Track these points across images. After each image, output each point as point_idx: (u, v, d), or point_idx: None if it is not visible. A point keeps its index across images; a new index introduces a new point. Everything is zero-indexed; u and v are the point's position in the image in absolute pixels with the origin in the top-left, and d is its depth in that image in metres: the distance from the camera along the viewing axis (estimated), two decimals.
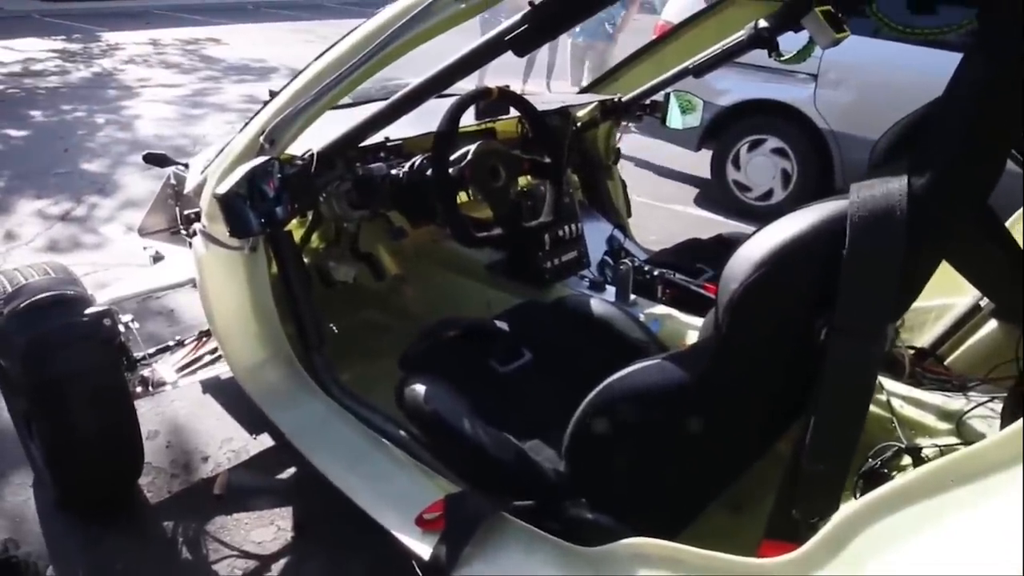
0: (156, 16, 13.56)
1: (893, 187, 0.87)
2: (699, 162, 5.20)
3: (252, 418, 2.26)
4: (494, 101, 1.67)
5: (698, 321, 1.76)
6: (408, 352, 1.60)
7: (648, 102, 2.46)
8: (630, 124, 2.69)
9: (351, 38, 1.33)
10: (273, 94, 2.30)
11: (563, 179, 1.80)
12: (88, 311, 1.69)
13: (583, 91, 2.80)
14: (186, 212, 2.13)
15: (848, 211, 0.89)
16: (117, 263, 3.46)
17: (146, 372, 1.97)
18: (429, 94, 1.28)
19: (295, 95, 1.39)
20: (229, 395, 2.37)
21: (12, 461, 2.07)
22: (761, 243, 0.95)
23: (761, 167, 4.58)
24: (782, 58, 1.96)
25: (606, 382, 1.13)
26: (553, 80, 8.15)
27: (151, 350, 1.98)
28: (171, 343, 2.05)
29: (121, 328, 1.77)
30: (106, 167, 4.99)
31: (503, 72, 6.75)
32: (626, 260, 1.92)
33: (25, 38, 10.00)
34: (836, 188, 4.31)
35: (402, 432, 1.48)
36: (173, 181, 2.65)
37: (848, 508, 0.82)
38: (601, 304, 1.75)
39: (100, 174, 4.84)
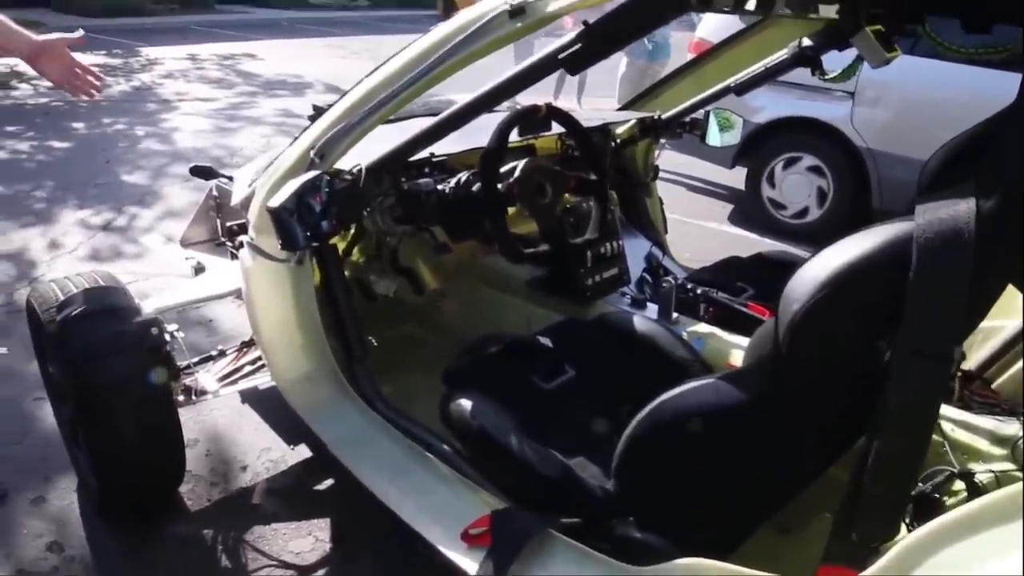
0: (194, 32, 13.85)
1: (960, 209, 0.86)
2: (732, 178, 5.17)
3: (290, 429, 2.28)
4: (540, 118, 1.68)
5: (742, 340, 1.75)
6: (451, 367, 1.60)
7: (688, 120, 2.46)
8: (664, 141, 2.69)
9: (403, 56, 1.35)
10: (317, 109, 2.35)
11: (608, 197, 1.81)
12: (136, 320, 1.72)
13: (622, 108, 2.80)
14: (230, 224, 2.17)
15: (914, 233, 0.87)
16: (157, 272, 3.52)
17: (189, 381, 2.00)
18: (480, 111, 1.29)
19: (346, 111, 1.41)
20: (267, 405, 2.39)
21: (58, 466, 2.11)
22: (824, 264, 0.94)
23: (796, 185, 4.54)
24: (826, 77, 1.95)
25: (658, 401, 1.12)
26: (584, 96, 8.19)
27: (194, 359, 2.01)
28: (214, 353, 2.08)
29: (167, 337, 1.80)
30: (146, 178, 5.09)
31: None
32: (668, 278, 1.91)
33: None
34: (872, 207, 4.26)
35: (445, 446, 1.48)
36: (215, 193, 2.70)
37: (914, 534, 0.80)
38: (644, 322, 1.74)
39: (140, 185, 4.93)
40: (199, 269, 2.56)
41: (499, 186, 1.54)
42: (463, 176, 1.61)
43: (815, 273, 0.93)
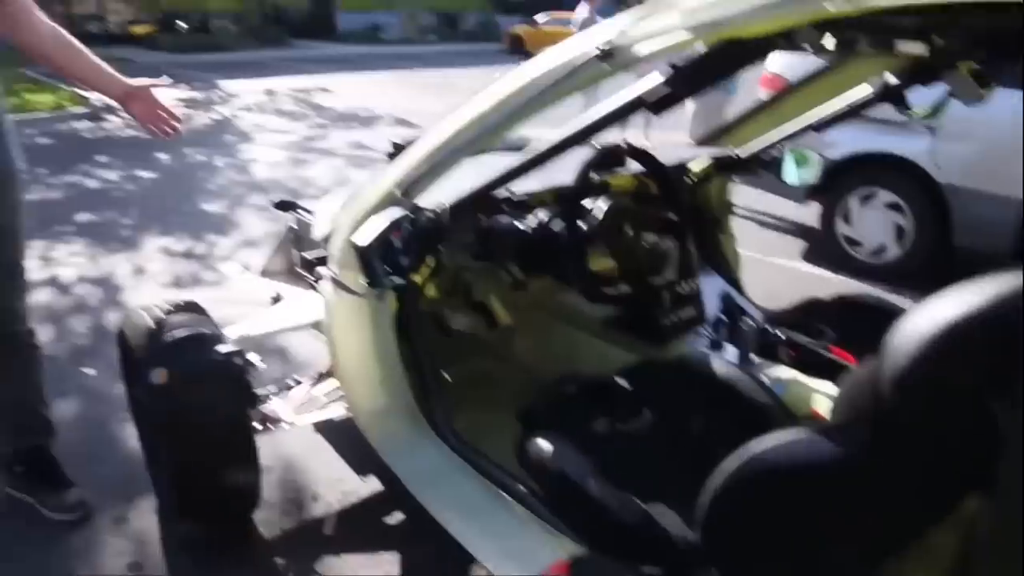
0: (270, 67, 14.46)
1: None
2: (803, 214, 5.06)
3: (361, 460, 2.30)
4: (619, 156, 1.68)
5: (826, 387, 1.70)
6: (528, 407, 1.60)
7: (765, 157, 2.42)
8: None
9: (488, 96, 1.36)
10: (397, 146, 2.40)
11: (688, 237, 1.79)
12: (220, 349, 1.77)
13: (698, 145, 2.78)
14: (307, 256, 2.22)
15: None
16: (234, 299, 3.62)
17: (266, 409, 2.04)
18: (566, 151, 1.30)
19: (432, 150, 1.43)
20: (339, 436, 2.42)
21: (140, 487, 2.17)
22: (935, 315, 0.90)
23: (873, 222, 4.41)
24: (914, 114, 1.89)
25: (748, 453, 1.09)
26: (651, 129, 8.15)
27: (273, 388, 2.05)
28: (291, 382, 2.12)
29: (248, 366, 1.84)
30: (224, 207, 5.29)
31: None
32: (747, 319, 1.87)
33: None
34: (954, 245, 4.10)
35: (522, 487, 1.46)
36: (295, 226, 2.78)
37: None
38: (724, 365, 1.70)
39: (219, 214, 5.13)
40: (277, 299, 2.63)
41: (581, 225, 1.54)
42: (543, 215, 1.61)
43: (925, 325, 0.89)
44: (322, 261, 1.98)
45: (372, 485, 2.24)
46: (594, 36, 1.16)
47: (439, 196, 1.55)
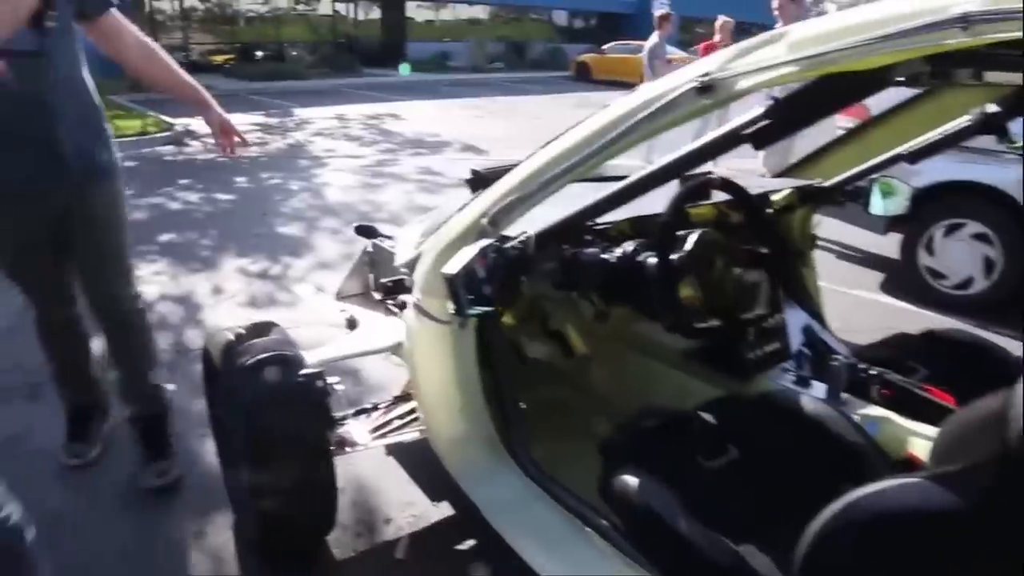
0: (342, 93, 14.88)
1: None
2: (880, 244, 4.89)
3: (433, 485, 2.30)
4: (709, 188, 1.65)
5: (922, 428, 1.61)
6: (611, 440, 1.57)
7: (851, 187, 2.35)
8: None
9: (581, 129, 1.35)
10: (476, 173, 2.42)
11: (779, 270, 1.74)
12: (303, 372, 1.79)
13: (779, 175, 2.72)
14: (384, 281, 2.25)
15: None
16: (307, 321, 3.70)
17: (342, 431, 2.06)
18: (660, 183, 1.28)
19: (521, 181, 1.42)
20: (411, 459, 2.42)
21: (217, 502, 2.21)
22: None
23: (959, 253, 4.23)
24: (1016, 145, 1.81)
25: (851, 499, 1.04)
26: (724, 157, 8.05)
27: (350, 411, 2.07)
28: (368, 406, 2.14)
29: (328, 389, 1.87)
30: (299, 230, 5.43)
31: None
32: (839, 356, 1.80)
33: (232, 113, 11.22)
34: None
35: (604, 520, 1.43)
36: (371, 250, 2.82)
37: None
38: (812, 402, 1.64)
39: (293, 236, 5.27)
40: (352, 322, 2.67)
41: (672, 258, 1.52)
42: (630, 246, 1.59)
43: None
44: (401, 287, 2.01)
45: (443, 510, 2.23)
46: (693, 69, 1.14)
47: (524, 225, 1.55)
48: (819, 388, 1.82)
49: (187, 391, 3.00)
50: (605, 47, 20.92)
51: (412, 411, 2.22)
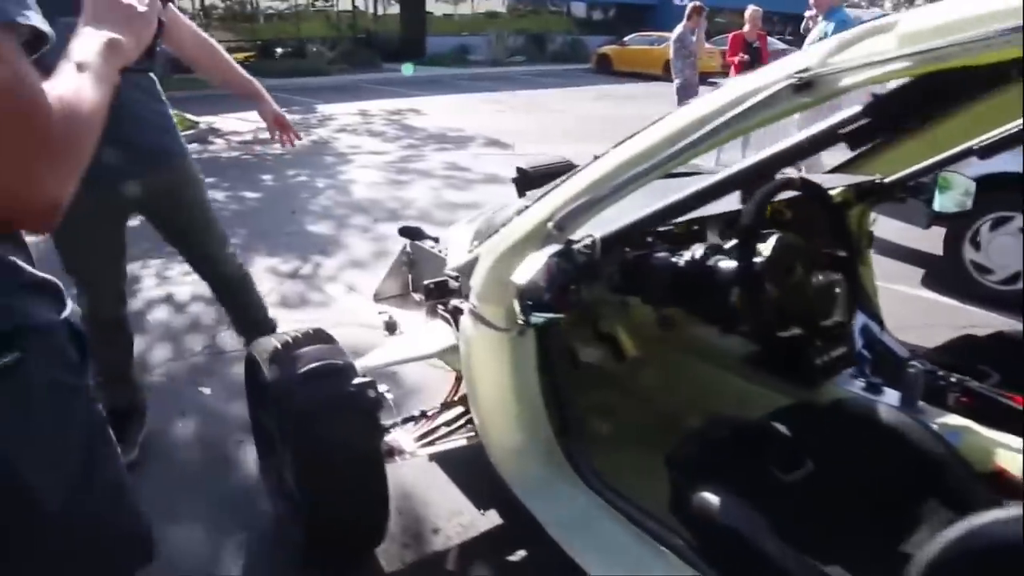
0: (363, 89, 14.86)
1: None
2: (918, 238, 4.76)
3: (479, 492, 2.24)
4: (783, 188, 1.57)
5: (1007, 439, 1.53)
6: (681, 453, 1.50)
7: (912, 183, 2.26)
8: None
9: (660, 128, 1.28)
10: (522, 172, 2.35)
11: (858, 275, 1.66)
12: (355, 381, 1.73)
13: (833, 171, 2.62)
14: (429, 283, 2.19)
15: None
16: (340, 322, 3.65)
17: (389, 439, 2.01)
18: (748, 183, 1.20)
19: (592, 184, 1.35)
20: (454, 465, 2.37)
21: (258, 511, 2.17)
22: None
23: (1007, 248, 4.10)
24: None
25: (971, 527, 0.96)
26: (749, 150, 7.92)
27: (398, 419, 2.02)
28: (415, 413, 2.08)
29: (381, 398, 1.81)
30: (329, 228, 5.39)
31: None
32: (915, 362, 1.71)
33: (254, 111, 11.28)
34: None
35: (678, 538, 1.36)
36: (409, 250, 2.76)
37: None
38: (889, 411, 1.56)
39: (323, 235, 5.23)
40: (391, 325, 2.62)
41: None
42: (698, 250, 1.52)
43: None
44: (446, 289, 1.95)
45: (491, 519, 2.17)
46: (787, 64, 1.06)
47: (589, 228, 1.48)
48: (891, 395, 1.74)
49: (223, 394, 2.98)
50: (626, 39, 20.73)
51: (458, 418, 2.16)
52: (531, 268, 1.31)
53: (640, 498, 1.53)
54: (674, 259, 1.54)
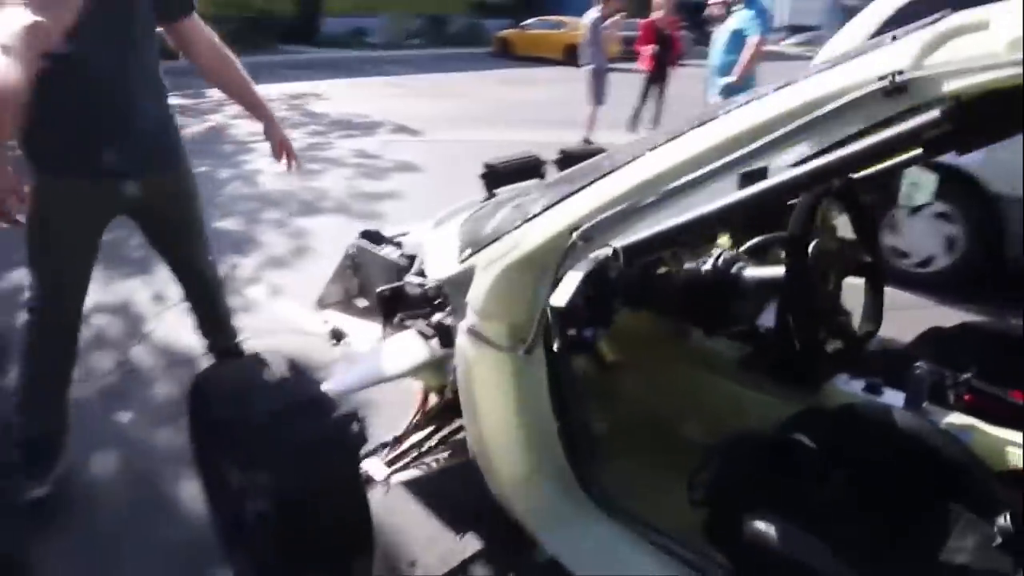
0: (259, 72, 14.04)
1: None
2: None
3: (454, 516, 2.08)
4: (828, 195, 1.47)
5: (1015, 436, 1.52)
6: (703, 476, 1.39)
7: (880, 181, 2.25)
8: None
9: (716, 130, 1.14)
10: (491, 168, 2.18)
11: (884, 280, 1.59)
12: (335, 415, 1.52)
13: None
14: (384, 290, 1.98)
15: None
16: (268, 328, 3.37)
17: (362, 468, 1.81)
18: (797, 192, 1.09)
19: (632, 190, 1.21)
20: (422, 489, 2.18)
21: (209, 558, 1.92)
22: None
23: (922, 232, 4.27)
24: None
25: None
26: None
27: (371, 447, 1.82)
28: (389, 439, 1.89)
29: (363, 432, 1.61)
30: (240, 224, 5.01)
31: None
32: (921, 363, 1.67)
33: None
34: (1006, 255, 3.99)
35: (725, 571, 1.26)
36: (353, 252, 2.55)
37: None
38: (901, 414, 1.51)
39: (235, 232, 4.86)
40: (338, 334, 2.40)
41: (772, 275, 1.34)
42: (720, 255, 1.41)
43: None
44: (402, 297, 1.78)
45: (470, 544, 2.01)
46: (870, 64, 0.95)
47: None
48: (892, 395, 1.70)
49: (143, 422, 2.67)
50: (526, 23, 20.63)
51: (427, 438, 1.99)
52: (568, 289, 1.15)
53: (661, 522, 1.42)
54: (691, 268, 1.42)
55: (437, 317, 1.67)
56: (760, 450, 1.44)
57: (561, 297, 1.15)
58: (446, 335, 1.63)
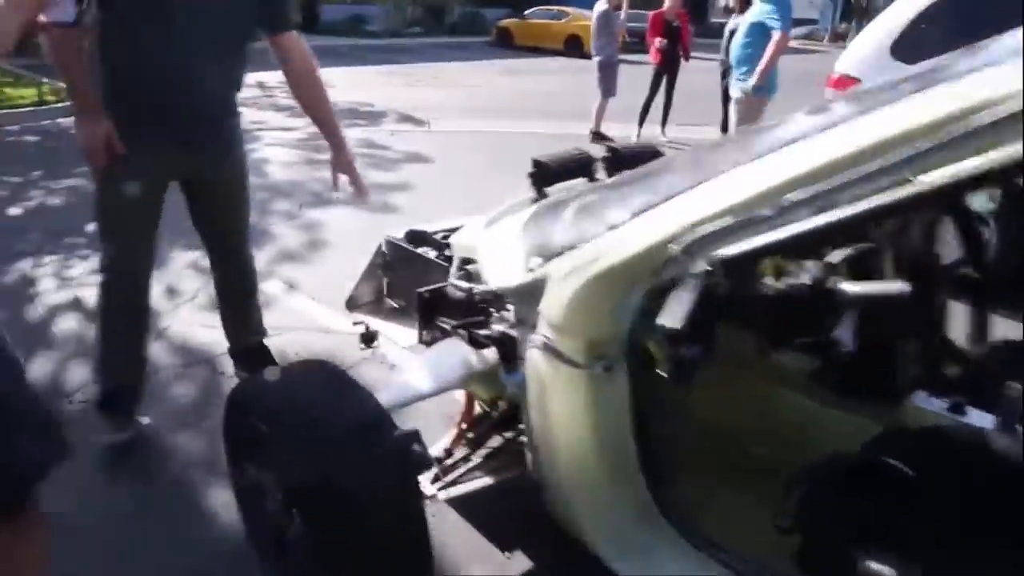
0: (255, 60, 13.85)
1: None
2: None
3: (499, 531, 1.98)
4: None
5: None
6: (795, 502, 1.29)
7: None
8: None
9: (850, 133, 1.03)
10: (539, 165, 2.07)
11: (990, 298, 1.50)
12: (395, 435, 1.41)
13: None
14: (424, 291, 1.87)
15: None
16: (284, 325, 3.25)
17: None
18: (940, 203, 0.99)
19: (750, 200, 1.10)
20: (463, 502, 2.08)
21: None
22: None
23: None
24: None
25: None
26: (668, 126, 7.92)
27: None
28: (441, 454, 1.79)
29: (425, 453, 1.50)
30: (251, 216, 4.87)
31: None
32: (1015, 383, 1.58)
33: None
34: None
35: None
36: (385, 250, 2.45)
37: None
38: (999, 438, 1.42)
39: None
40: (369, 336, 2.29)
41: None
42: (815, 268, 1.30)
43: None
44: (443, 299, 1.71)
45: (521, 563, 1.91)
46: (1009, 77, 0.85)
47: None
48: (977, 415, 1.61)
49: (165, 425, 2.55)
50: (527, 12, 20.42)
51: (472, 451, 1.90)
52: (679, 308, 1.05)
53: (744, 549, 1.33)
54: (783, 283, 1.31)
55: (499, 328, 1.57)
56: (852, 475, 1.34)
57: (673, 317, 1.05)
58: (509, 347, 1.53)
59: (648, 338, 1.46)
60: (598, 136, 7.80)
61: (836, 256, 1.43)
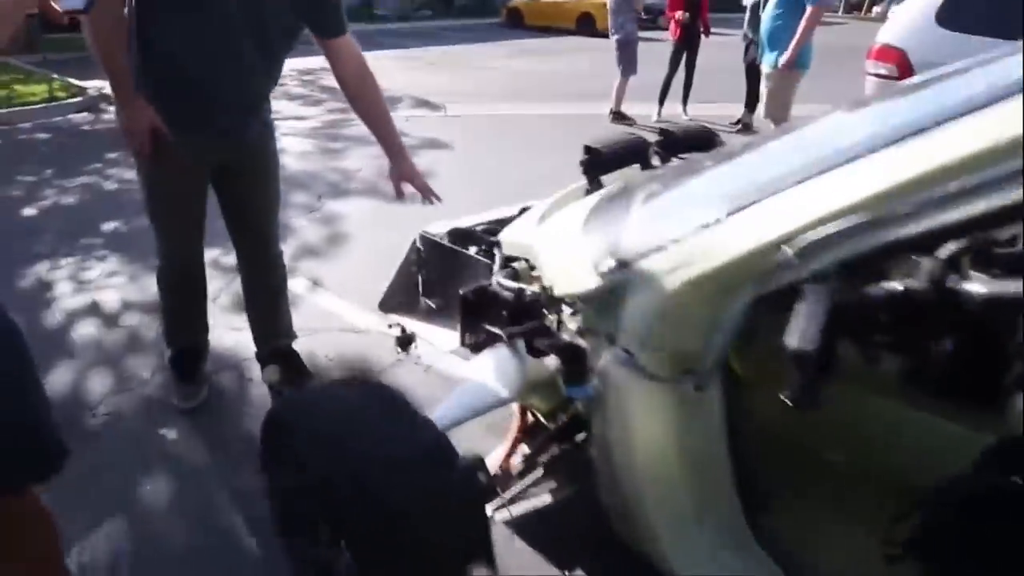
0: None
1: None
2: None
3: (557, 550, 1.84)
4: None
5: None
6: (910, 528, 1.14)
7: None
8: None
9: (996, 120, 0.86)
10: (591, 152, 1.90)
11: None
12: (461, 465, 1.26)
13: None
14: (467, 292, 1.73)
15: None
16: (312, 327, 3.12)
17: None
18: None
19: (878, 197, 0.94)
20: (519, 521, 1.94)
21: None
22: None
23: None
24: None
25: None
26: (690, 105, 7.71)
27: None
28: (498, 472, 1.65)
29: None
30: None
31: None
32: None
33: None
34: None
35: None
36: (420, 246, 2.30)
37: None
38: None
39: None
40: (406, 340, 2.16)
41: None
42: (935, 270, 1.13)
43: None
44: (487, 299, 1.59)
45: None
46: None
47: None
48: None
49: (191, 442, 2.42)
50: None
51: (525, 472, 1.75)
52: (810, 324, 0.89)
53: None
54: (896, 286, 1.15)
55: (564, 336, 1.41)
56: (976, 498, 1.18)
57: (803, 337, 0.89)
58: (576, 357, 1.37)
59: (750, 354, 1.30)
60: (619, 116, 7.59)
61: (953, 251, 1.27)
